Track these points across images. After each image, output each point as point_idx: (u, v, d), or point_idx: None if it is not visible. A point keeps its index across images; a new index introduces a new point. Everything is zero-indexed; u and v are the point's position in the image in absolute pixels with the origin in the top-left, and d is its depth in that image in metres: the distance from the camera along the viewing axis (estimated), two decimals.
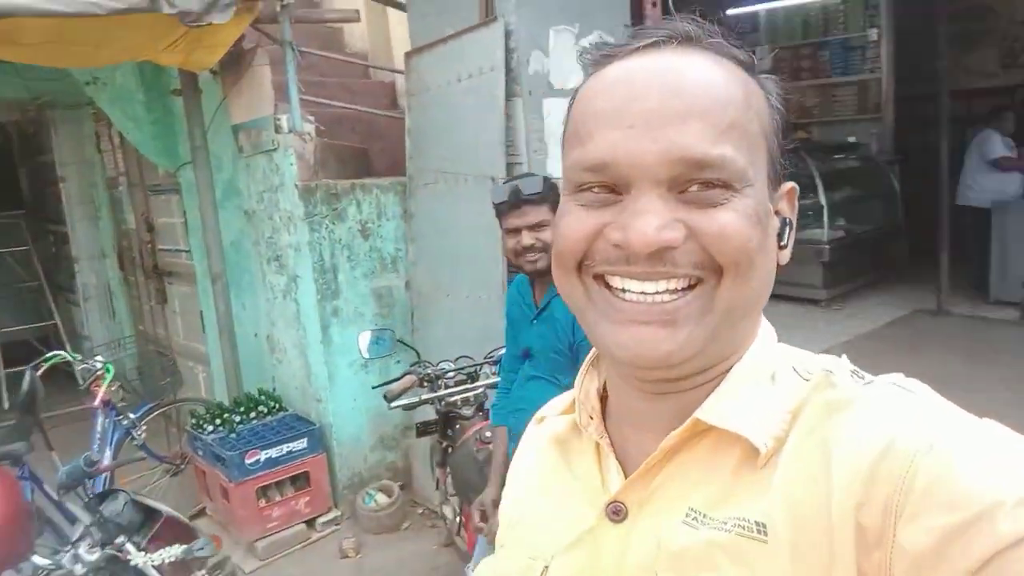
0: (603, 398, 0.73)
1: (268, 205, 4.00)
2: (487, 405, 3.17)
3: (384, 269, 4.07)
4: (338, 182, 3.86)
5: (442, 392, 2.97)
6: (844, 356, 0.64)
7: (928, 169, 6.53)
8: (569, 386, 2.28)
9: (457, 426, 3.08)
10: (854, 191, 7.30)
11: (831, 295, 6.83)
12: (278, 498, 3.82)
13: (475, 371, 3.07)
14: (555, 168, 3.52)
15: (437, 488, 3.51)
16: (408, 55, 3.95)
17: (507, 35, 3.36)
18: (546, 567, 0.70)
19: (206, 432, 3.92)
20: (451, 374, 3.03)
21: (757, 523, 0.56)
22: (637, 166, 0.57)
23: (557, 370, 2.17)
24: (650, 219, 0.56)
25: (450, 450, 3.20)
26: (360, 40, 5.46)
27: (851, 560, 0.52)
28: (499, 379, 2.54)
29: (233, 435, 3.86)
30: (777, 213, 0.63)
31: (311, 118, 3.86)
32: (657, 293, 0.59)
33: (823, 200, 6.70)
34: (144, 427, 4.03)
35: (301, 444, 3.84)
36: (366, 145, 4.46)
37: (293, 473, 3.84)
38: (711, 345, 0.60)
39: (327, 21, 4.63)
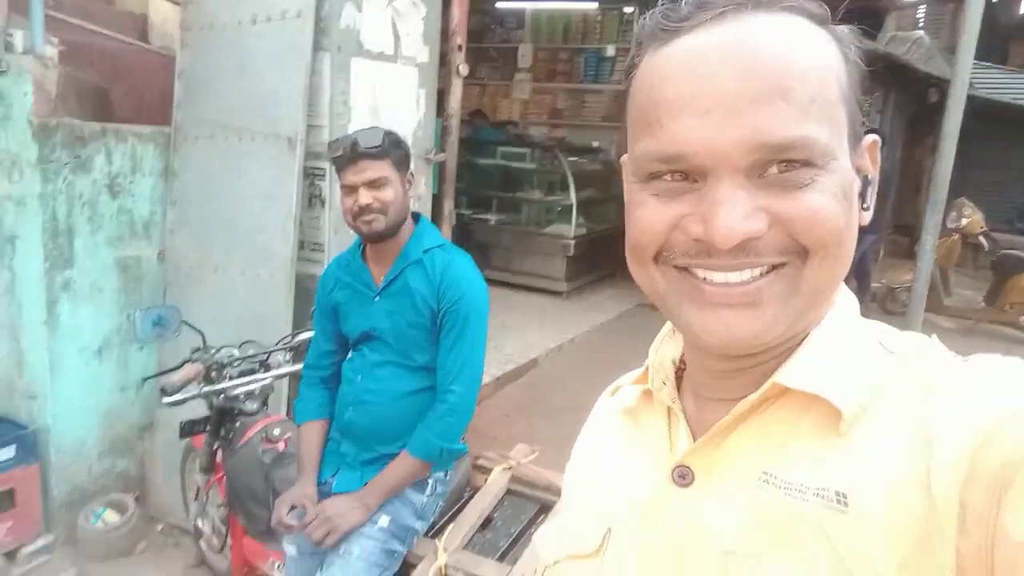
0: (679, 369, 0.74)
1: None
2: (272, 399, 2.88)
3: (134, 235, 3.53)
4: (85, 124, 3.29)
5: (226, 384, 2.61)
6: (935, 336, 0.64)
7: None
8: (425, 366, 2.20)
9: (236, 424, 2.73)
10: (595, 192, 8.32)
11: (571, 288, 7.81)
12: None
13: (266, 359, 2.74)
14: None
15: (195, 498, 3.09)
16: None
17: None
18: (609, 529, 0.71)
19: None
20: (237, 363, 2.67)
21: (838, 492, 0.56)
22: (716, 155, 0.56)
23: (412, 348, 2.08)
24: (733, 210, 0.56)
25: (221, 452, 2.83)
26: None
27: (951, 538, 0.51)
28: (304, 375, 2.35)
29: None
30: (858, 171, 0.63)
31: (54, 40, 3.25)
32: (741, 283, 0.59)
33: (573, 198, 7.50)
34: None
35: (7, 453, 3.17)
36: (107, 84, 3.85)
37: None
38: (798, 323, 0.61)
39: None
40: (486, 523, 2.38)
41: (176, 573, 3.27)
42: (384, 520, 2.07)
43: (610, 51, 9.66)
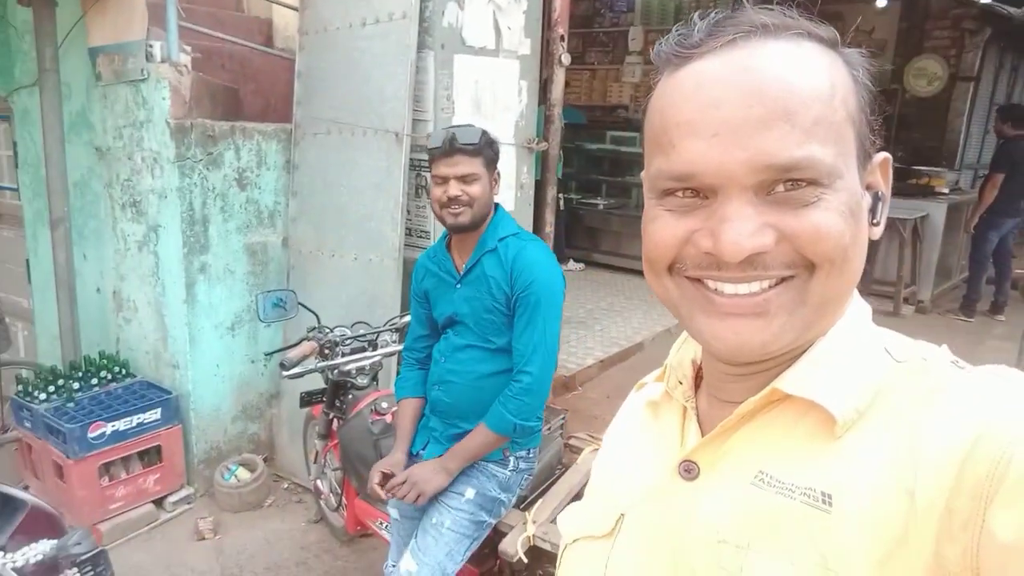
0: (698, 369, 0.78)
1: (128, 143, 3.69)
2: (381, 375, 3.13)
3: (260, 223, 3.88)
4: (216, 123, 3.63)
5: (339, 360, 2.89)
6: (944, 346, 0.66)
7: None
8: (503, 348, 2.30)
9: (349, 396, 3.01)
10: None
11: None
12: (123, 475, 3.56)
13: (374, 339, 3.00)
14: None
15: (314, 461, 3.42)
16: None
17: None
18: (622, 515, 0.77)
19: (37, 401, 3.57)
20: (348, 341, 2.94)
21: (823, 493, 0.60)
22: (723, 175, 0.59)
23: (490, 332, 2.21)
24: (740, 226, 0.59)
25: (336, 422, 3.12)
26: None
27: (928, 542, 0.54)
28: (404, 356, 2.53)
29: (71, 404, 3.55)
30: (869, 188, 0.65)
31: (188, 48, 3.59)
32: (750, 294, 0.62)
33: None
34: None
35: (155, 415, 3.59)
36: (236, 86, 4.21)
37: (143, 447, 3.59)
38: (806, 333, 0.64)
39: None
40: (575, 499, 2.50)
41: (299, 526, 3.61)
42: (470, 492, 2.23)
43: None
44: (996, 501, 0.51)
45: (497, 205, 2.27)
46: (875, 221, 0.66)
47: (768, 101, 0.58)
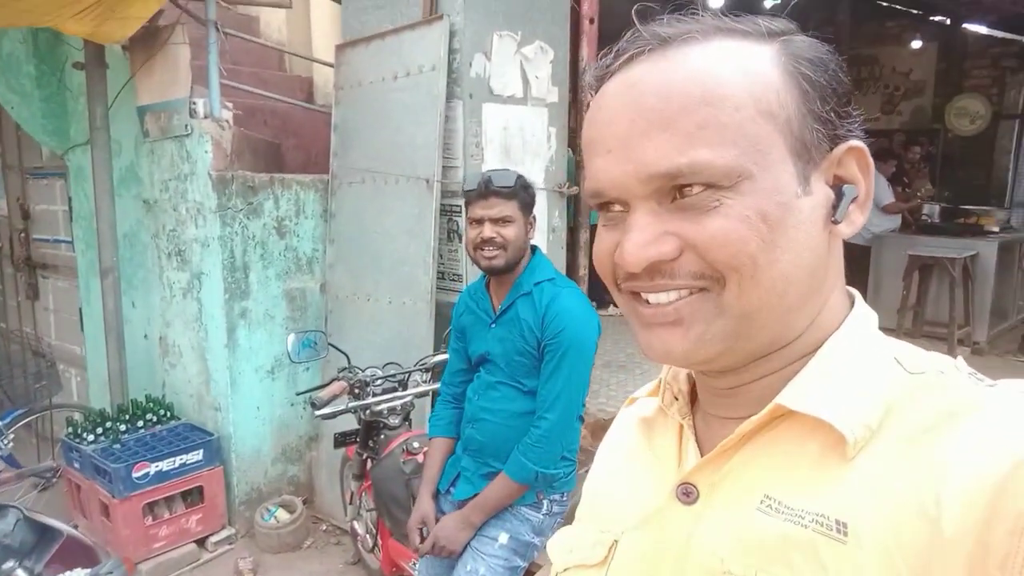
0: (693, 386, 0.75)
1: (173, 195, 3.85)
2: (413, 415, 3.16)
3: (299, 270, 3.99)
4: (255, 175, 3.77)
5: (370, 400, 2.93)
6: (960, 358, 0.62)
7: None
8: (534, 390, 2.28)
9: (381, 436, 3.04)
10: None
11: None
12: (167, 515, 3.64)
13: (404, 379, 3.04)
14: None
15: (350, 503, 3.44)
16: (340, 47, 3.94)
17: (451, 34, 3.40)
18: (616, 541, 0.72)
19: (86, 442, 3.69)
20: (379, 381, 2.99)
21: (838, 521, 0.55)
22: (621, 188, 0.60)
23: (520, 373, 2.21)
24: (637, 236, 0.59)
25: (370, 462, 3.15)
26: (277, 30, 5.36)
27: (955, 574, 0.50)
28: (441, 391, 2.55)
29: (117, 445, 3.66)
30: (839, 181, 0.62)
31: (229, 105, 3.75)
32: (669, 303, 0.61)
33: None
34: (12, 435, 3.77)
35: (197, 456, 3.67)
36: (279, 140, 4.37)
37: (186, 488, 3.67)
38: (741, 343, 0.61)
39: (257, 3, 4.51)
40: None
41: (337, 568, 3.63)
42: (504, 537, 2.21)
43: None
44: None
45: (535, 248, 2.28)
46: (834, 219, 0.61)
47: (645, 112, 0.58)
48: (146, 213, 4.08)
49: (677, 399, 0.74)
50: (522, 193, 2.18)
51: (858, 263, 6.74)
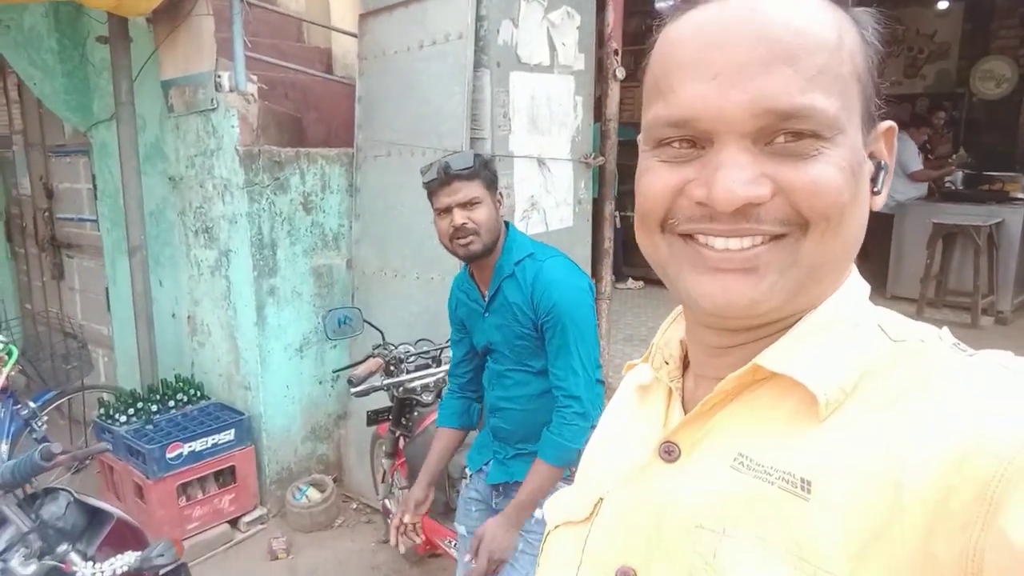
0: (687, 349, 0.74)
1: (200, 171, 3.77)
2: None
3: (326, 246, 3.91)
4: (282, 150, 3.69)
5: (404, 377, 2.86)
6: (946, 328, 0.62)
7: None
8: (543, 370, 2.17)
9: (415, 413, 2.99)
10: None
11: None
12: (200, 496, 3.60)
13: (438, 355, 2.97)
14: (517, 146, 3.49)
15: (382, 481, 3.40)
16: (363, 17, 3.83)
17: (478, 1, 3.28)
18: (601, 499, 0.73)
19: (118, 423, 3.66)
20: (412, 358, 2.92)
21: (803, 479, 0.56)
22: (722, 119, 0.56)
23: (525, 356, 2.13)
24: (735, 174, 0.56)
25: (403, 440, 3.09)
26: (295, 1, 5.24)
27: (915, 539, 0.50)
28: (448, 379, 2.48)
29: (150, 427, 3.62)
30: (872, 156, 0.62)
31: (254, 78, 3.66)
32: (745, 248, 0.58)
33: None
34: (46, 417, 3.75)
35: (228, 436, 3.63)
36: (299, 114, 4.27)
37: (218, 468, 3.64)
38: (797, 297, 0.60)
39: None
40: None
41: (368, 547, 3.59)
42: (539, 512, 2.11)
43: None
44: (1008, 504, 0.47)
45: (508, 224, 2.18)
46: (876, 190, 0.62)
47: (772, 43, 0.55)
48: (172, 190, 4.01)
49: (667, 363, 0.74)
50: (484, 171, 2.05)
51: (881, 232, 6.60)
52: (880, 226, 6.59)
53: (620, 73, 3.88)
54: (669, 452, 0.66)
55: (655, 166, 0.61)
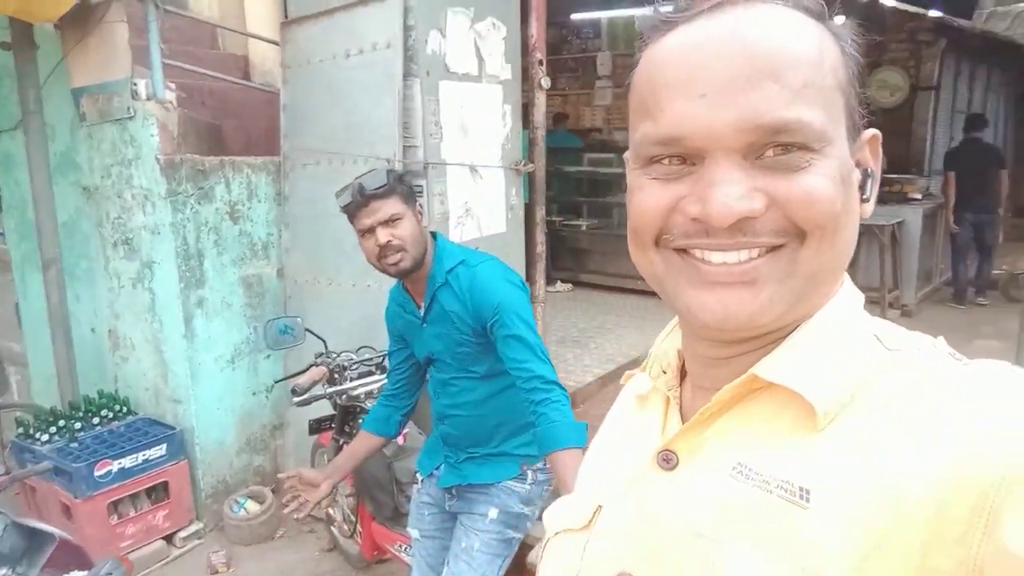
0: (684, 359, 0.75)
1: (117, 181, 3.66)
2: None
3: (255, 255, 3.86)
4: (205, 158, 3.62)
5: (347, 385, 2.88)
6: (941, 338, 0.63)
7: None
8: (487, 373, 2.18)
9: (359, 421, 2.99)
10: None
11: None
12: (132, 513, 3.51)
13: (381, 361, 3.00)
14: (449, 153, 3.54)
15: None
16: (286, 24, 3.80)
17: (405, 11, 3.31)
18: (600, 507, 0.74)
19: (39, 443, 3.51)
20: (355, 366, 2.94)
21: (801, 488, 0.56)
22: (712, 137, 0.56)
23: (468, 363, 2.15)
24: (729, 189, 0.56)
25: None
26: (208, 6, 5.11)
27: (914, 549, 0.51)
28: (386, 387, 2.48)
29: (75, 444, 3.49)
30: (858, 164, 0.63)
31: (172, 85, 3.57)
32: (742, 261, 0.59)
33: None
34: None
35: (159, 451, 3.55)
36: (219, 122, 4.18)
37: (150, 484, 3.55)
38: (796, 307, 0.60)
39: None
40: None
41: (312, 556, 3.57)
42: (493, 512, 2.19)
43: None
44: (1006, 513, 0.48)
45: (435, 235, 2.20)
46: (865, 197, 0.63)
47: (756, 60, 0.55)
48: (86, 201, 3.86)
49: (665, 372, 0.74)
50: (399, 187, 2.07)
51: None
52: None
53: (545, 82, 3.97)
54: (667, 460, 0.66)
55: (646, 184, 0.61)
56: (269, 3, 4.47)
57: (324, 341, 3.01)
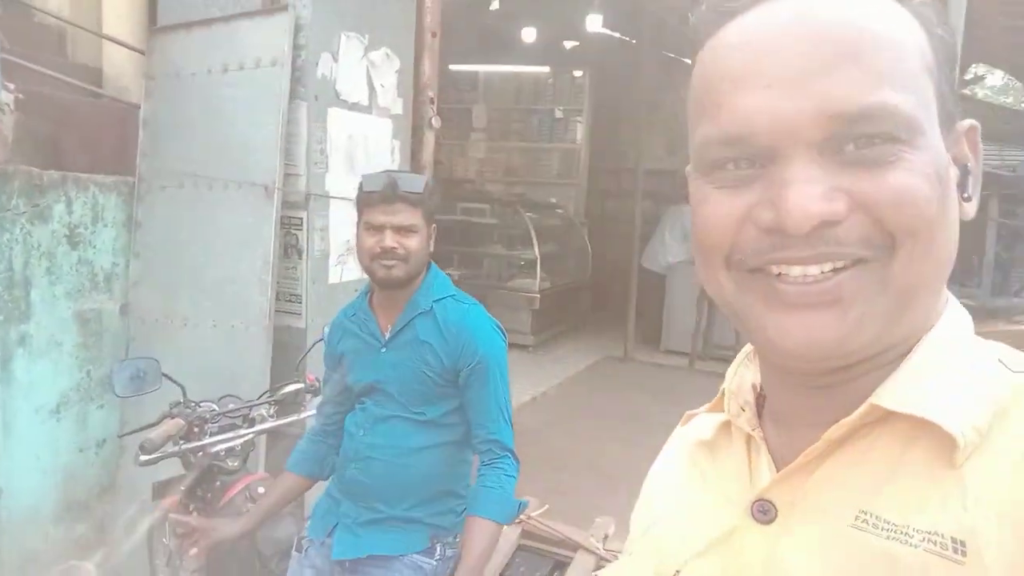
0: (758, 396, 0.66)
1: None
2: (252, 456, 2.70)
3: (95, 288, 3.31)
4: (44, 172, 3.09)
5: (206, 440, 2.44)
6: None
7: (609, 233, 8.08)
8: (433, 420, 2.04)
9: (217, 483, 2.54)
10: (556, 247, 8.50)
11: (537, 341, 7.79)
12: None
13: (248, 413, 2.57)
14: (333, 186, 3.24)
15: (168, 564, 2.85)
16: (155, 32, 3.40)
17: (296, 28, 3.01)
18: (677, 572, 0.64)
19: None
20: (218, 418, 2.50)
21: (954, 539, 0.48)
22: (783, 132, 0.50)
23: (418, 402, 1.94)
24: (807, 188, 0.49)
25: (198, 514, 2.62)
26: (56, 8, 4.52)
27: None
28: (314, 424, 2.23)
29: None
30: (955, 160, 0.55)
31: (10, 86, 3.06)
32: (820, 277, 0.51)
33: (537, 253, 7.50)
34: None
35: None
36: (60, 134, 3.64)
37: None
38: (891, 329, 0.52)
39: None
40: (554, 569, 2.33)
41: None
42: None
43: (559, 113, 9.99)
44: None
45: (431, 264, 2.05)
46: (967, 196, 0.56)
47: (831, 42, 0.49)
48: None
49: (744, 410, 0.64)
50: (429, 201, 1.94)
51: (655, 291, 7.07)
52: (654, 285, 7.06)
53: (436, 122, 3.77)
54: (764, 511, 0.57)
55: (711, 194, 0.54)
56: (133, 7, 4.00)
57: (183, 388, 2.55)
